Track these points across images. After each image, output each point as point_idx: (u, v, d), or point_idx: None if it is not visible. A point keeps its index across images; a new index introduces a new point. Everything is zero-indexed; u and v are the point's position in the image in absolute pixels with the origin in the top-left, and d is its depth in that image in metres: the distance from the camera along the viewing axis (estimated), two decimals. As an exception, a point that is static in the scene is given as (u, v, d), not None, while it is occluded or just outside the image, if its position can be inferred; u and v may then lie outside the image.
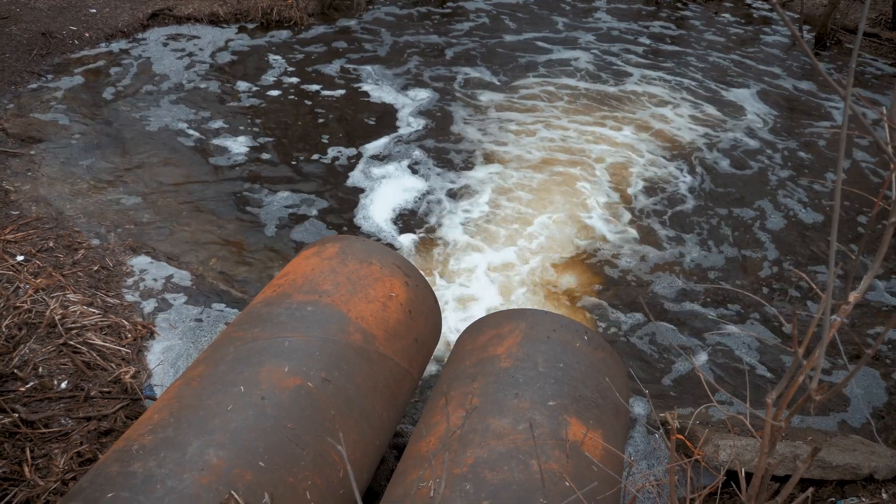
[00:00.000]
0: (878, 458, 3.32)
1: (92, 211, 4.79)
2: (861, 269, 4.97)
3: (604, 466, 2.36)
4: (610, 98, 7.20)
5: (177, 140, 5.80)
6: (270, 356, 2.53)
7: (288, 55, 7.43)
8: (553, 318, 2.95)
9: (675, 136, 6.60)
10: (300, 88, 6.79)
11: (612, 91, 7.35)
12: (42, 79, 6.30)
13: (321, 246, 3.23)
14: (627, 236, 5.21)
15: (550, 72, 7.66)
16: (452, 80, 7.26)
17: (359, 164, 5.74)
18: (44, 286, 3.86)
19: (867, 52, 9.02)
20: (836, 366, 4.24)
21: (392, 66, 7.45)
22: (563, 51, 8.22)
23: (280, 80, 6.90)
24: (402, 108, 6.67)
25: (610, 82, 7.56)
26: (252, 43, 7.60)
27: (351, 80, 7.08)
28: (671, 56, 8.39)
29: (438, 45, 8.07)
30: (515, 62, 7.82)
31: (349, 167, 5.69)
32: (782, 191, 5.95)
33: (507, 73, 7.53)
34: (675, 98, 7.34)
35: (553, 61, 7.92)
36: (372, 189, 5.44)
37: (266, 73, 6.99)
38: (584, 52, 8.23)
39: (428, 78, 7.27)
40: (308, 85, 6.87)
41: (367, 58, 7.57)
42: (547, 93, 7.19)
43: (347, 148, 5.94)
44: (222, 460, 2.13)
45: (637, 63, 8.08)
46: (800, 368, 1.95)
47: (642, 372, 4.09)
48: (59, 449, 3.00)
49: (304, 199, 5.26)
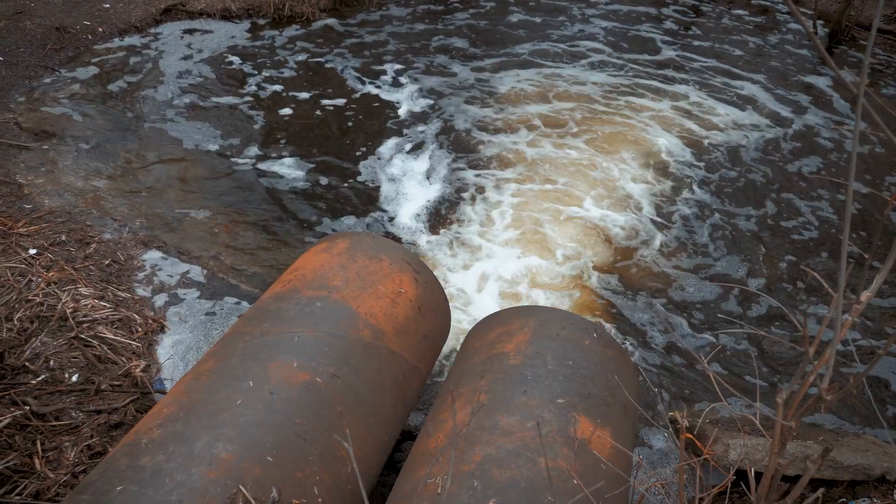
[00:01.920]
0: (891, 458, 3.29)
1: (104, 205, 4.82)
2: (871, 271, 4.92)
3: (612, 465, 2.35)
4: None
5: (190, 136, 5.82)
6: (280, 351, 2.54)
7: (299, 50, 7.43)
8: (562, 316, 2.94)
9: (690, 132, 6.55)
10: (312, 82, 6.80)
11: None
12: (56, 73, 6.34)
13: (331, 242, 3.24)
14: (647, 226, 5.18)
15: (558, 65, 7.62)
16: (460, 71, 7.24)
17: (372, 159, 5.74)
18: (56, 279, 3.89)
19: (881, 50, 8.92)
20: (848, 365, 4.21)
21: (404, 61, 7.44)
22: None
23: (290, 76, 6.90)
24: (405, 105, 6.66)
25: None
26: (264, 38, 7.61)
27: (363, 75, 7.07)
28: (684, 49, 8.33)
29: (450, 40, 8.05)
30: (521, 49, 7.79)
31: (363, 158, 5.70)
32: (797, 188, 5.90)
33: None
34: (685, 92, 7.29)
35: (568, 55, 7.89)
36: (395, 189, 5.45)
37: (277, 69, 7.00)
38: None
39: (438, 73, 7.26)
40: (319, 80, 6.88)
41: (378, 53, 7.56)
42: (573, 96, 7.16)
43: (363, 144, 5.94)
44: (231, 454, 2.14)
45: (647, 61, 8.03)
46: (811, 368, 1.93)
47: (651, 368, 4.07)
48: (70, 442, 3.02)
49: (325, 193, 5.27)
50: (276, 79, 6.83)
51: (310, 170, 5.56)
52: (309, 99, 6.56)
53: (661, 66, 7.90)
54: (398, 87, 6.93)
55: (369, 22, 8.32)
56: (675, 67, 7.91)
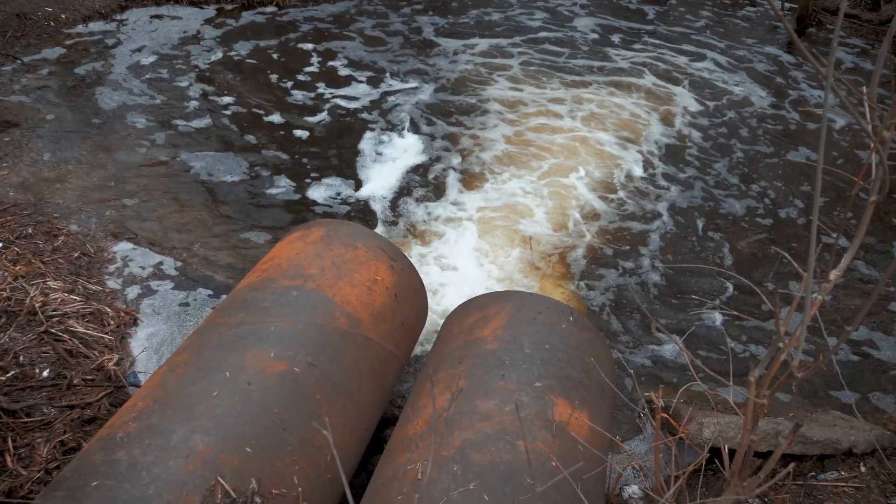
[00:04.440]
0: (857, 432, 3.38)
1: (71, 196, 4.72)
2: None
3: (590, 446, 2.38)
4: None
5: (155, 122, 5.71)
6: (256, 341, 2.52)
7: (267, 35, 7.32)
8: (539, 300, 2.96)
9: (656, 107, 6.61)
10: (281, 65, 6.71)
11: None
12: (17, 62, 6.17)
13: (306, 230, 3.21)
14: (618, 209, 5.23)
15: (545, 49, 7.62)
16: (436, 59, 7.20)
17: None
18: (23, 273, 3.81)
19: (847, 34, 9.06)
20: (816, 343, 4.30)
21: (375, 46, 7.37)
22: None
23: (258, 60, 6.80)
24: (380, 97, 6.61)
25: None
26: (232, 24, 7.48)
27: (328, 59, 6.99)
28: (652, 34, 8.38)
29: (424, 23, 8.00)
30: (506, 33, 7.78)
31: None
32: (762, 169, 5.99)
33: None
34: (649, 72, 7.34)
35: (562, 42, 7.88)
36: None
37: (244, 53, 6.89)
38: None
39: (412, 60, 7.21)
40: (288, 64, 6.79)
41: (349, 38, 7.48)
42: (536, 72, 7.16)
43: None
44: (208, 446, 2.12)
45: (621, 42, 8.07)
46: (781, 346, 1.97)
47: (626, 350, 4.12)
48: (42, 438, 2.97)
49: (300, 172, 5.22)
50: (241, 61, 6.72)
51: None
52: (277, 81, 6.47)
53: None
54: (365, 71, 6.88)
55: (339, 7, 8.21)
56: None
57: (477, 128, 6.15)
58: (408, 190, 5.30)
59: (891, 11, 9.14)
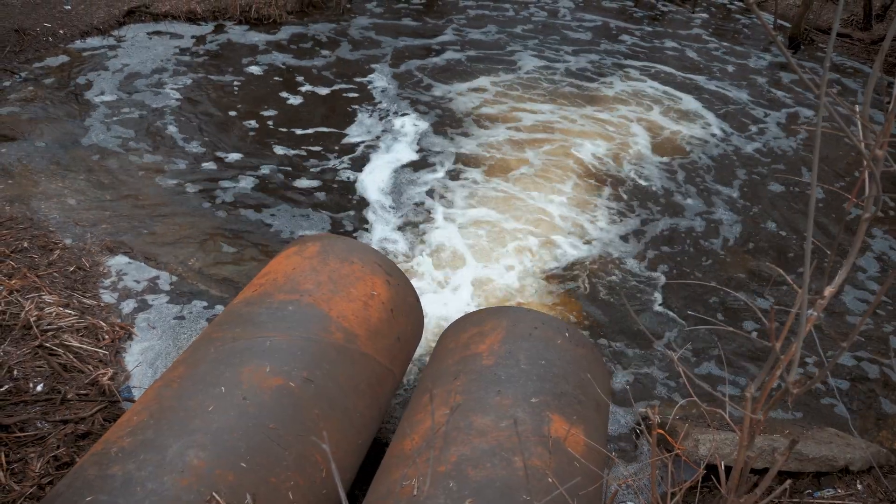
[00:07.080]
0: (854, 449, 3.38)
1: (67, 210, 4.71)
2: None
3: (586, 462, 2.38)
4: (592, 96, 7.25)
5: (155, 137, 5.72)
6: (252, 356, 2.52)
7: (266, 52, 7.37)
8: (534, 316, 2.96)
9: (660, 129, 6.66)
10: (282, 82, 6.75)
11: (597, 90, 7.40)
12: (15, 76, 6.19)
13: (302, 245, 3.21)
14: (608, 235, 5.25)
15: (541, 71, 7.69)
16: (428, 78, 7.26)
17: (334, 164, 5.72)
18: (18, 287, 3.80)
19: (839, 52, 9.17)
20: (812, 360, 4.31)
21: (369, 64, 7.42)
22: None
23: (258, 77, 6.84)
24: (373, 111, 6.65)
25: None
26: (230, 41, 7.52)
27: (329, 79, 7.04)
28: (647, 51, 8.47)
29: (419, 43, 8.06)
30: (497, 58, 7.84)
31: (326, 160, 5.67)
32: (758, 187, 6.03)
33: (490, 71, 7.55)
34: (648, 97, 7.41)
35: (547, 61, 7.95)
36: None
37: (243, 70, 6.92)
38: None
39: (407, 77, 7.26)
40: (288, 82, 6.83)
41: (345, 56, 7.54)
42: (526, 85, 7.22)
43: (326, 148, 5.91)
44: (203, 461, 2.11)
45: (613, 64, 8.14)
46: (777, 362, 1.97)
47: (621, 367, 4.12)
48: (36, 453, 2.95)
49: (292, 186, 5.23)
50: (243, 79, 6.76)
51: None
52: (276, 96, 6.51)
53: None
54: (365, 89, 6.91)
55: (336, 25, 8.28)
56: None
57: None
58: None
59: (882, 30, 9.26)
